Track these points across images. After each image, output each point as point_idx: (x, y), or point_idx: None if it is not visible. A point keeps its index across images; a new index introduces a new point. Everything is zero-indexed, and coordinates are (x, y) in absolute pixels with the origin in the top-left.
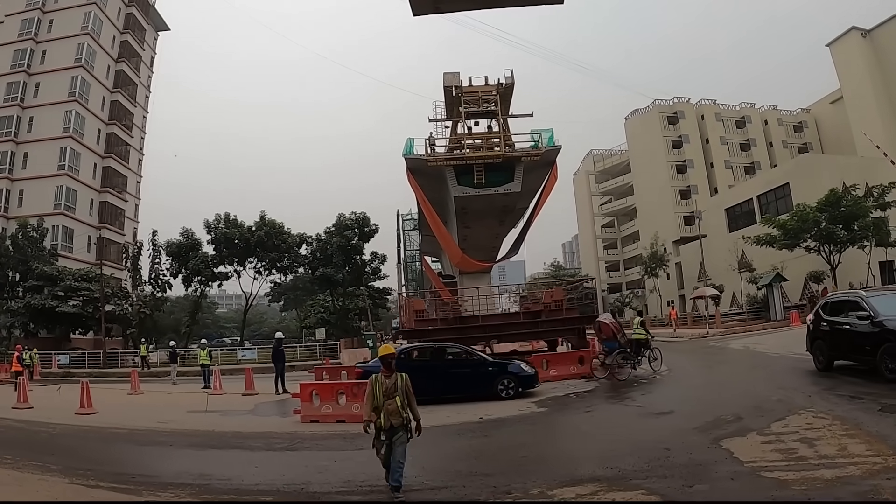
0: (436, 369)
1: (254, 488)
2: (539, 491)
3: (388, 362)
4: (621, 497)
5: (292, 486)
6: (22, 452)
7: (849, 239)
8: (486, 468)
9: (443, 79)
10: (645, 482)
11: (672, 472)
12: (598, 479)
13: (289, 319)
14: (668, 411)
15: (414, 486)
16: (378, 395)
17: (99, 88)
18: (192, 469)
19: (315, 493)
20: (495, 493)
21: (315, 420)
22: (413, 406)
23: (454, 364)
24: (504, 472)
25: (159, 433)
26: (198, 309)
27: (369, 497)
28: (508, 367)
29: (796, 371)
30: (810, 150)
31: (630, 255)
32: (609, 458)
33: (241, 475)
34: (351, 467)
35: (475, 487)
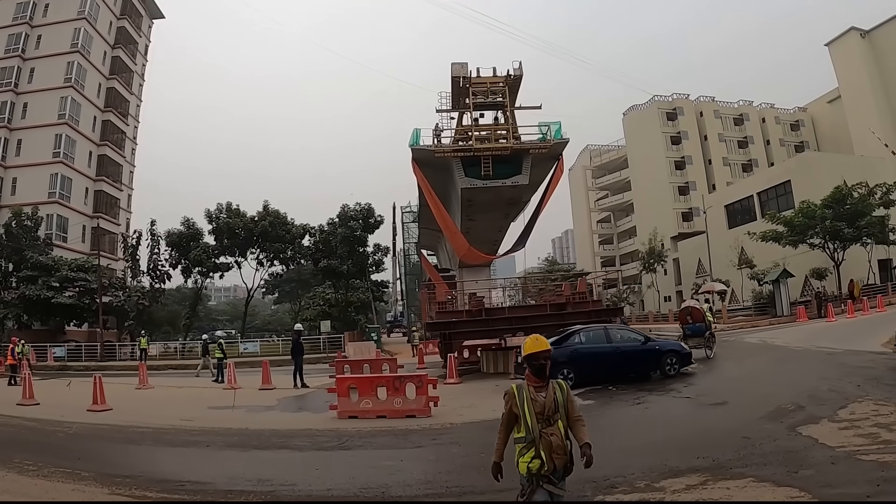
0: (605, 353)
1: (328, 494)
2: (645, 484)
3: (540, 366)
4: (734, 485)
5: (369, 489)
6: (43, 457)
7: (854, 236)
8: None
9: (451, 69)
10: (747, 470)
11: (767, 459)
12: (697, 469)
13: (281, 312)
14: (720, 402)
15: (498, 487)
16: (530, 419)
17: (95, 75)
18: (246, 473)
19: (401, 497)
20: (600, 489)
21: (353, 416)
22: (578, 428)
23: (622, 345)
24: (595, 467)
25: (189, 432)
26: (198, 301)
27: (464, 499)
28: (671, 346)
29: (829, 363)
30: (807, 149)
31: (626, 251)
32: (693, 448)
33: (304, 479)
34: (424, 467)
35: (574, 484)
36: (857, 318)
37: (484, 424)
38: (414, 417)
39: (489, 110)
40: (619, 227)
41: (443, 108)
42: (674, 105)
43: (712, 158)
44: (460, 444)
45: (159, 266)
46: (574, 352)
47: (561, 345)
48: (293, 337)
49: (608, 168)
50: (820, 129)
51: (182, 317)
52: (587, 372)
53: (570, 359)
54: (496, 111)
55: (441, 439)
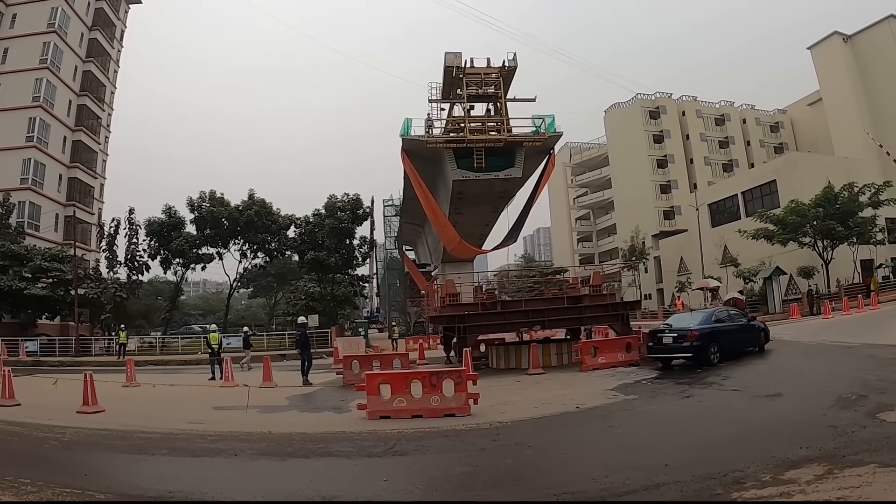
0: (733, 330)
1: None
2: (770, 476)
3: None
4: (863, 472)
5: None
6: (41, 472)
7: (845, 235)
8: (675, 460)
9: (444, 58)
10: (862, 457)
11: (871, 445)
12: (811, 459)
13: (255, 307)
14: (775, 394)
15: (633, 487)
16: None
17: (71, 57)
18: (302, 489)
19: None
20: (725, 484)
21: (386, 416)
22: None
23: (739, 324)
24: (702, 461)
25: (205, 438)
26: (178, 293)
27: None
28: (762, 325)
29: (856, 356)
30: (786, 150)
31: (605, 249)
32: (786, 439)
33: (378, 493)
34: (530, 464)
35: (695, 481)
36: (853, 315)
37: (535, 423)
38: (453, 416)
39: (482, 102)
40: (598, 225)
41: (434, 99)
42: (657, 104)
43: (694, 158)
44: (530, 446)
45: (137, 256)
46: (715, 331)
47: (705, 326)
48: (300, 331)
49: (588, 165)
50: (799, 131)
51: (162, 310)
52: (725, 348)
53: (713, 337)
54: (489, 103)
55: (501, 440)
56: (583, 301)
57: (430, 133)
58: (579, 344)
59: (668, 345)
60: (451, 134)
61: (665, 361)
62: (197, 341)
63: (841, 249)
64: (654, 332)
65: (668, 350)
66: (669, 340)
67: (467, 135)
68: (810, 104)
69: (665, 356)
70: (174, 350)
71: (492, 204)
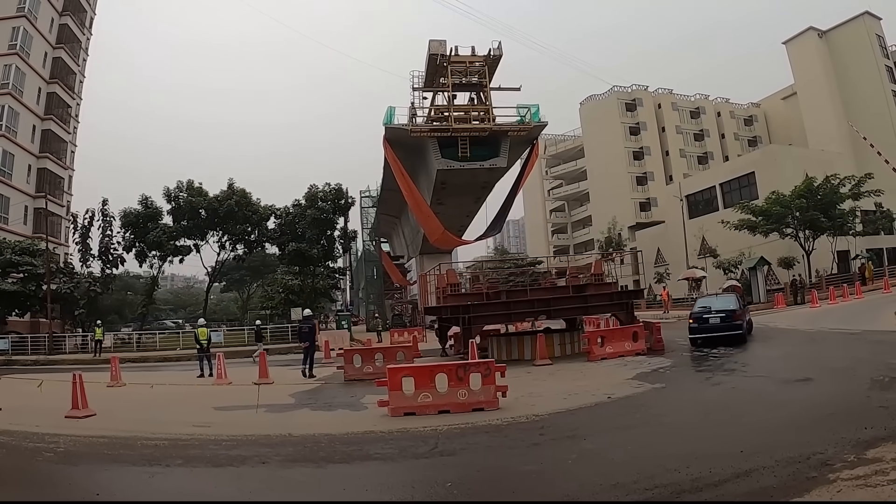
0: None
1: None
2: (855, 457)
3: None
4: None
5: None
6: (38, 493)
7: (828, 226)
8: (746, 446)
9: (428, 46)
10: None
11: None
12: (883, 438)
13: (227, 301)
14: (803, 379)
15: (725, 476)
16: None
17: (41, 43)
18: (369, 497)
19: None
20: (813, 466)
21: (410, 412)
22: None
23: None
24: (774, 445)
25: (219, 443)
26: (154, 287)
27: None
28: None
29: (864, 341)
30: (760, 143)
31: (580, 241)
32: (844, 420)
33: (461, 497)
34: (593, 466)
35: (782, 465)
36: (840, 304)
37: (573, 414)
38: (482, 411)
39: (466, 91)
40: (573, 217)
41: (418, 87)
42: (633, 96)
43: (670, 150)
44: (585, 439)
45: (112, 249)
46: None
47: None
48: (306, 324)
49: (563, 157)
50: (773, 125)
51: (136, 305)
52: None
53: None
54: (473, 92)
55: (549, 434)
56: (587, 290)
57: (414, 122)
58: (587, 333)
59: (716, 324)
60: (434, 123)
61: (708, 341)
62: (173, 337)
63: (820, 240)
64: (698, 315)
65: (715, 329)
66: (717, 321)
67: (452, 124)
68: (784, 98)
69: (711, 336)
70: (152, 346)
71: (474, 194)
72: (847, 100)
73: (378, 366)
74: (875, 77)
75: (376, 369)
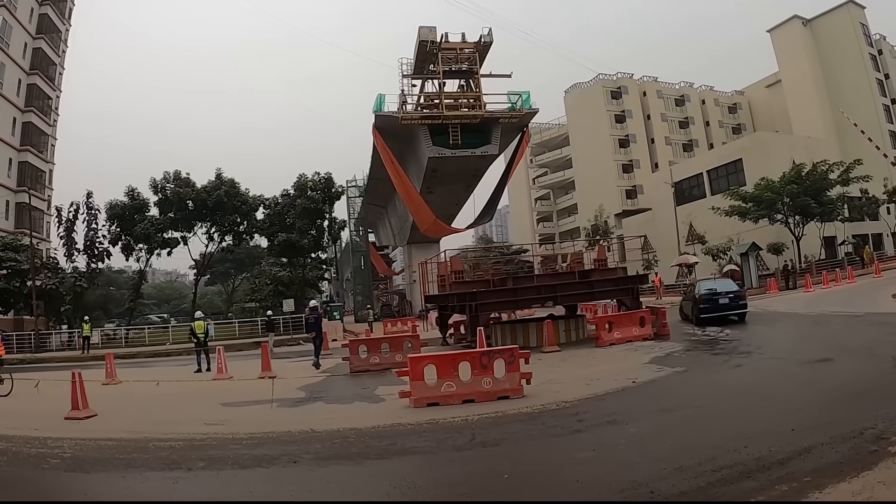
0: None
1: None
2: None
3: None
4: None
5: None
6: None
7: (819, 212)
8: (796, 424)
9: (418, 33)
10: None
11: None
12: None
13: (211, 294)
14: (823, 359)
15: (786, 454)
16: None
17: (21, 33)
18: (429, 496)
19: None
20: (869, 439)
21: (434, 403)
22: None
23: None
24: (823, 423)
25: (239, 442)
26: (142, 281)
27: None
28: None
29: (869, 323)
30: (744, 131)
31: (566, 229)
32: (882, 398)
33: (527, 489)
34: (648, 451)
35: (838, 441)
36: (832, 289)
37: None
38: (507, 399)
39: (456, 78)
40: (558, 205)
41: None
42: (618, 84)
43: (655, 137)
44: (626, 424)
45: (97, 243)
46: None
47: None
48: (314, 314)
49: (548, 146)
50: (757, 112)
51: (123, 300)
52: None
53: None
54: (463, 79)
55: (587, 420)
56: (592, 276)
57: (404, 109)
58: (595, 319)
59: (726, 304)
60: (424, 111)
61: (717, 320)
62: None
63: (808, 226)
64: (708, 296)
65: (725, 308)
66: (727, 301)
67: (443, 111)
68: (768, 86)
69: (721, 314)
70: (140, 342)
71: (465, 182)
72: (831, 87)
73: (385, 356)
74: (859, 65)
75: (383, 360)
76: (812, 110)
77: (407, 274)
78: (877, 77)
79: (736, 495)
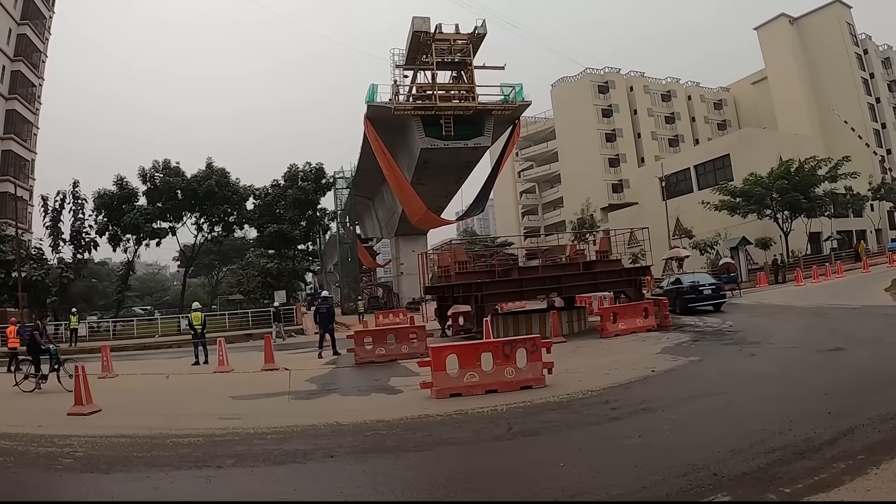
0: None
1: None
2: None
3: None
4: None
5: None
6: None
7: (808, 207)
8: (832, 408)
9: (411, 23)
10: None
11: None
12: None
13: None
14: (835, 348)
15: (832, 435)
16: None
17: (5, 18)
18: (494, 490)
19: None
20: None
21: (456, 393)
22: None
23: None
24: (857, 406)
25: (263, 437)
26: (130, 272)
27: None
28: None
29: (869, 315)
30: (729, 127)
31: (551, 222)
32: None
33: (596, 480)
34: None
35: (880, 422)
36: (822, 283)
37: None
38: (530, 389)
39: (449, 69)
40: (544, 198)
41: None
42: (606, 78)
43: (641, 132)
44: (662, 410)
45: (84, 233)
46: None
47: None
48: (324, 304)
49: (534, 139)
50: (742, 109)
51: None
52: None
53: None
54: (456, 70)
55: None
56: (596, 267)
57: (397, 100)
58: (600, 310)
59: (709, 294)
60: (417, 102)
61: (700, 308)
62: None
63: (796, 222)
64: (692, 287)
65: (708, 298)
66: (709, 291)
67: (437, 102)
68: (754, 83)
69: (705, 305)
70: (128, 334)
71: (456, 174)
72: (817, 85)
73: (391, 347)
74: (845, 64)
75: (389, 351)
76: (798, 107)
77: (394, 266)
78: (862, 76)
79: (798, 474)
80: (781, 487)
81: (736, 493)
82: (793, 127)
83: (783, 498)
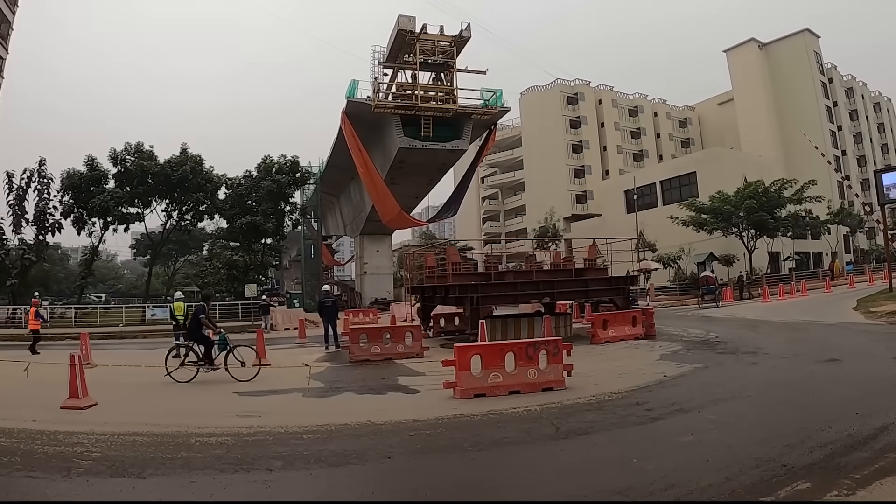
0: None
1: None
2: None
3: None
4: None
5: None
6: None
7: (774, 227)
8: (859, 409)
9: (396, 21)
10: None
11: None
12: None
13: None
14: (831, 359)
15: (869, 433)
16: None
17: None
18: (590, 485)
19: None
20: None
21: (481, 394)
22: None
23: None
24: (877, 410)
25: (298, 437)
26: (94, 257)
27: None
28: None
29: (848, 331)
30: (692, 145)
31: (513, 229)
32: None
33: (683, 474)
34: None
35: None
36: (787, 301)
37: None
38: (551, 390)
39: (432, 70)
40: (506, 205)
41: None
42: (576, 90)
43: (607, 145)
44: (697, 411)
45: (48, 214)
46: None
47: None
48: (327, 298)
49: (500, 146)
50: (706, 128)
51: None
52: None
53: None
54: (437, 72)
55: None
56: (587, 274)
57: (378, 97)
58: (591, 317)
59: None
60: (397, 101)
61: None
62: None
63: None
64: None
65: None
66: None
67: (417, 102)
68: (720, 104)
69: None
70: (90, 322)
71: (429, 175)
72: (782, 110)
73: (386, 346)
74: (810, 91)
75: (385, 350)
76: (762, 130)
77: (357, 265)
78: (826, 104)
79: (859, 463)
80: (851, 474)
81: (813, 480)
82: (756, 148)
83: (858, 483)
